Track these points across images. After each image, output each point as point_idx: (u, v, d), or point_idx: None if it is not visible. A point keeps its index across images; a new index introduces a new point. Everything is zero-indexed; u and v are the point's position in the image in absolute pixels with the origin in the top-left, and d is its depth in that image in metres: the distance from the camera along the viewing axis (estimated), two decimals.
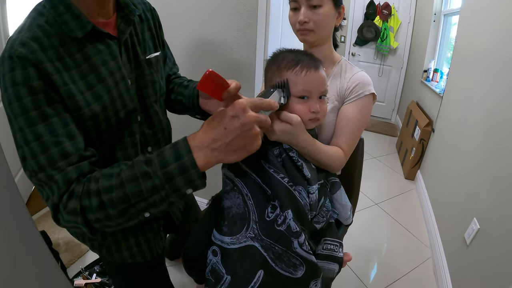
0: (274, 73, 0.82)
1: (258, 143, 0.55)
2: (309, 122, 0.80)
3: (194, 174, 0.54)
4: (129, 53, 0.77)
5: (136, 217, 0.57)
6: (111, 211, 0.55)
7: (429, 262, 1.89)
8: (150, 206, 0.55)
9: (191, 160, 0.53)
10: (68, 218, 0.57)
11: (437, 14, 3.28)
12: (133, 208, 0.55)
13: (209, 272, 0.77)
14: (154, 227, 0.91)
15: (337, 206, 0.93)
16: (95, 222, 0.57)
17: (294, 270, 0.72)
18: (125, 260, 0.88)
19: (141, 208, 0.55)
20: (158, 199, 0.55)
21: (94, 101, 0.66)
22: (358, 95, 0.93)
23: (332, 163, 0.87)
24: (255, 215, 0.74)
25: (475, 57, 1.93)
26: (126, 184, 0.54)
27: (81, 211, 0.56)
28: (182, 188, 0.55)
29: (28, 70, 0.55)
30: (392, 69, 4.41)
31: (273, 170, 0.73)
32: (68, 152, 0.58)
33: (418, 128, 2.78)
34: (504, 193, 1.26)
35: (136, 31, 0.80)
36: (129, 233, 0.86)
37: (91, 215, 0.56)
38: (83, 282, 1.44)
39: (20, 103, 0.55)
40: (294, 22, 0.93)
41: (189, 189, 0.56)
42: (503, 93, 1.45)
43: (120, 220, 0.57)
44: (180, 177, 0.53)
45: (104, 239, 0.85)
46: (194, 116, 0.98)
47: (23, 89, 0.55)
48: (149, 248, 0.90)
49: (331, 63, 1.00)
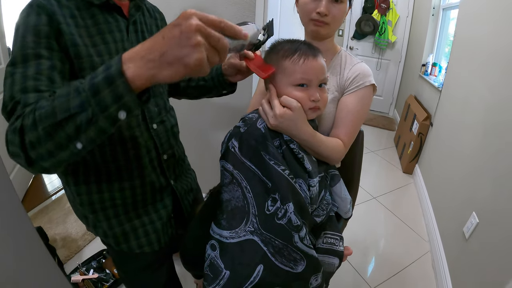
0: (272, 63, 0.80)
1: (197, 56, 0.46)
2: (309, 111, 0.79)
3: (122, 85, 0.47)
4: (137, 34, 0.82)
5: (66, 145, 0.51)
6: (40, 130, 0.51)
7: (427, 256, 1.89)
8: (78, 130, 0.49)
9: (118, 69, 0.47)
10: (10, 137, 0.54)
11: (435, 8, 3.27)
12: (62, 131, 0.50)
13: (207, 267, 0.76)
14: (162, 216, 0.90)
15: (337, 199, 0.92)
16: (30, 148, 0.53)
17: (294, 264, 0.71)
18: (132, 250, 0.87)
19: (70, 133, 0.50)
20: (85, 120, 0.48)
21: (95, 55, 0.70)
22: (358, 86, 0.91)
23: (332, 155, 0.85)
24: (255, 208, 0.72)
25: (474, 51, 1.92)
26: (56, 99, 0.51)
27: (20, 130, 0.53)
28: (111, 107, 0.48)
29: (41, 16, 0.63)
30: (390, 63, 4.40)
31: (273, 162, 0.71)
32: (41, 90, 0.60)
33: (417, 122, 2.78)
34: (503, 187, 1.26)
35: (145, 20, 0.86)
36: (136, 222, 0.86)
37: (26, 137, 0.52)
38: (80, 278, 1.43)
39: (23, 40, 0.62)
40: (311, 10, 0.89)
41: (121, 111, 0.49)
42: (502, 86, 1.44)
43: (49, 146, 0.51)
44: (106, 90, 0.47)
45: (111, 229, 0.84)
46: (221, 93, 1.03)
47: (31, 30, 0.62)
48: (158, 239, 0.90)
49: (332, 55, 0.99)
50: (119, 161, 0.78)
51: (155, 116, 0.85)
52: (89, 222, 0.86)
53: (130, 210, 0.85)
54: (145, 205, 0.87)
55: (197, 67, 0.47)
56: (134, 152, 0.79)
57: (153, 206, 0.88)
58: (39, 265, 0.97)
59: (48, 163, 0.54)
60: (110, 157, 0.77)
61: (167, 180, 0.90)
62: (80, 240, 1.75)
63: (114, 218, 0.84)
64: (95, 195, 0.80)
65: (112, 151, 0.77)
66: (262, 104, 0.79)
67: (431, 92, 2.89)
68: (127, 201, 0.83)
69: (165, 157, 0.88)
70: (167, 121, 0.90)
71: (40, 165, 0.54)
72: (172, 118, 0.94)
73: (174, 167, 0.95)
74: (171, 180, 0.92)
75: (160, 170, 0.88)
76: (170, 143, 0.91)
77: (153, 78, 0.48)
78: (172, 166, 0.93)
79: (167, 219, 0.92)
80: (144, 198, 0.86)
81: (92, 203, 0.80)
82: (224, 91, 1.01)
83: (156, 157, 0.86)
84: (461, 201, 1.67)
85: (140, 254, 0.90)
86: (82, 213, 0.86)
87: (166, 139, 0.89)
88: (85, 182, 0.78)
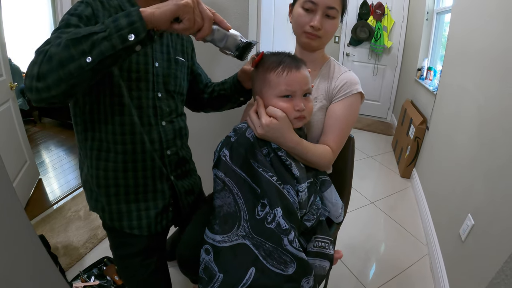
0: (259, 76, 0.84)
1: (186, 2, 0.64)
2: (295, 121, 0.82)
3: (136, 15, 0.62)
4: (162, 42, 0.94)
5: (78, 58, 0.61)
6: (62, 43, 0.62)
7: (425, 259, 1.90)
8: (93, 45, 0.61)
9: (136, 9, 0.63)
10: (34, 59, 0.64)
11: (429, 13, 3.31)
12: (79, 45, 0.61)
13: (202, 270, 0.79)
14: (158, 206, 0.97)
15: (328, 204, 0.95)
16: (47, 58, 0.62)
17: (285, 267, 0.73)
18: (123, 228, 0.95)
19: (86, 47, 0.61)
20: (101, 37, 0.61)
21: None
22: (346, 94, 0.95)
23: (321, 161, 0.89)
24: (246, 213, 0.75)
25: (467, 55, 1.94)
26: (82, 30, 0.64)
27: (46, 49, 0.63)
28: (125, 29, 0.62)
29: (88, 8, 0.78)
30: (387, 68, 4.43)
31: (262, 169, 0.75)
32: None
33: (413, 126, 2.80)
34: (497, 188, 1.27)
35: (172, 37, 0.99)
36: (133, 206, 0.94)
37: (48, 50, 0.63)
38: (82, 285, 1.46)
39: (68, 19, 0.74)
40: (305, 23, 0.93)
41: (131, 34, 0.62)
42: (494, 89, 1.46)
43: (64, 54, 0.61)
44: (124, 19, 0.62)
45: (109, 205, 0.93)
46: (238, 101, 1.13)
47: (77, 15, 0.75)
48: (148, 225, 0.96)
49: (321, 64, 1.02)
50: (127, 144, 0.87)
51: (165, 115, 0.95)
52: (93, 196, 0.96)
53: (130, 193, 0.93)
54: (145, 191, 0.94)
55: (185, 8, 0.65)
56: (141, 138, 0.88)
57: (153, 194, 0.95)
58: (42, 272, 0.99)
59: (55, 75, 0.61)
60: (119, 138, 0.86)
61: (167, 175, 0.98)
62: (82, 248, 1.77)
63: (114, 196, 0.92)
64: (102, 172, 0.90)
65: (122, 134, 0.86)
66: (250, 115, 0.83)
67: (426, 96, 2.92)
68: (128, 182, 0.91)
69: (168, 153, 0.97)
70: (176, 123, 1.00)
71: (47, 78, 0.62)
72: (182, 122, 1.03)
73: (177, 165, 1.02)
74: (172, 176, 0.99)
75: (162, 163, 0.95)
76: (175, 142, 0.99)
77: (153, 16, 0.63)
78: (175, 163, 1.01)
79: (162, 210, 0.98)
80: (145, 183, 0.93)
81: (98, 177, 0.91)
82: (241, 98, 1.11)
83: (159, 149, 0.94)
84: (457, 204, 1.68)
85: (129, 237, 0.97)
86: (90, 187, 0.96)
87: (172, 137, 0.97)
88: (97, 158, 0.89)
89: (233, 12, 1.50)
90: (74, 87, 0.64)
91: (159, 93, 0.92)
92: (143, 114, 0.89)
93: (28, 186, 2.27)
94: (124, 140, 0.87)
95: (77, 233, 1.90)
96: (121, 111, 0.84)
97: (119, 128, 0.85)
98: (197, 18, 0.68)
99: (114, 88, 0.82)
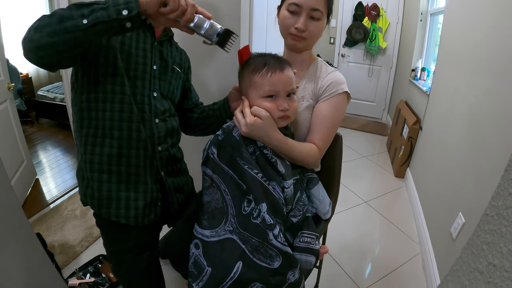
0: (244, 77, 0.87)
1: None
2: (279, 120, 0.85)
3: None
4: (162, 50, 1.02)
5: (76, 19, 0.70)
6: (66, 8, 0.72)
7: (418, 258, 1.92)
8: (91, 11, 0.71)
9: None
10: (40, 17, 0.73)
11: (423, 14, 3.34)
12: (79, 10, 0.71)
13: (192, 264, 0.81)
14: (147, 198, 0.99)
15: (315, 201, 0.98)
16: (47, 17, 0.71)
17: (271, 261, 0.76)
18: (109, 216, 0.98)
19: (85, 12, 0.71)
20: (100, 7, 0.71)
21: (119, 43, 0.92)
22: (332, 94, 0.97)
23: (307, 159, 0.91)
24: (233, 209, 0.78)
25: (459, 56, 1.97)
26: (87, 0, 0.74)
27: (51, 13, 0.72)
28: (121, 5, 0.71)
29: None
30: (382, 69, 4.46)
31: (247, 167, 0.78)
32: None
33: (406, 127, 2.83)
34: (487, 187, 1.28)
35: (171, 50, 1.08)
36: (122, 194, 0.96)
37: (54, 11, 0.72)
38: (77, 282, 1.48)
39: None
40: (290, 25, 0.95)
41: (125, 10, 0.71)
42: (485, 90, 1.48)
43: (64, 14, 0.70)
44: None
45: (99, 190, 0.96)
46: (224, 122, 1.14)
47: None
48: (136, 215, 0.99)
49: (308, 64, 1.05)
50: (123, 130, 0.92)
51: (159, 113, 1.00)
52: (84, 183, 0.99)
53: (122, 181, 0.96)
54: (137, 181, 0.97)
55: None
56: (137, 126, 0.93)
57: (144, 186, 0.98)
58: (39, 269, 1.01)
59: (51, 28, 0.70)
60: (116, 124, 0.91)
61: (158, 169, 1.01)
62: (77, 246, 1.79)
63: (106, 183, 0.95)
64: (97, 157, 0.93)
65: (120, 120, 0.91)
66: (236, 114, 0.86)
67: (420, 96, 2.95)
68: (121, 170, 0.94)
69: (160, 149, 1.00)
70: (169, 122, 1.04)
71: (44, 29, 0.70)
72: (174, 122, 1.08)
73: (167, 162, 1.05)
74: (162, 171, 1.02)
75: (152, 155, 0.98)
76: (166, 139, 1.03)
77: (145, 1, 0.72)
78: (165, 159, 1.04)
79: (151, 203, 1.00)
80: (137, 172, 0.96)
81: (92, 162, 0.94)
82: (227, 120, 1.14)
83: (150, 143, 0.97)
84: (448, 202, 1.70)
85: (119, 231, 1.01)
86: (82, 175, 0.99)
87: (164, 134, 1.01)
88: (92, 143, 0.93)
89: (225, 13, 1.52)
90: (64, 44, 0.72)
91: (154, 92, 0.98)
92: (139, 108, 0.95)
93: (25, 185, 2.29)
94: (121, 126, 0.92)
95: (73, 231, 1.92)
96: (122, 99, 0.91)
97: (118, 114, 0.91)
98: (181, 3, 0.76)
99: (117, 78, 0.90)
